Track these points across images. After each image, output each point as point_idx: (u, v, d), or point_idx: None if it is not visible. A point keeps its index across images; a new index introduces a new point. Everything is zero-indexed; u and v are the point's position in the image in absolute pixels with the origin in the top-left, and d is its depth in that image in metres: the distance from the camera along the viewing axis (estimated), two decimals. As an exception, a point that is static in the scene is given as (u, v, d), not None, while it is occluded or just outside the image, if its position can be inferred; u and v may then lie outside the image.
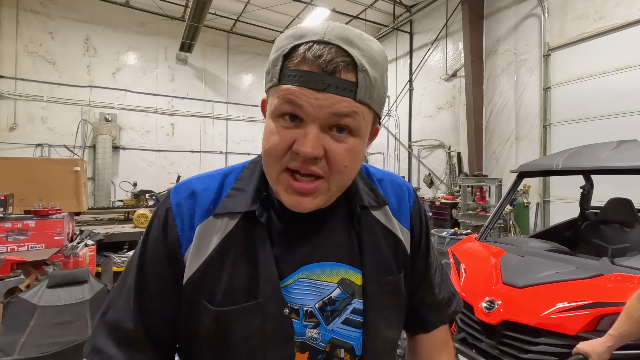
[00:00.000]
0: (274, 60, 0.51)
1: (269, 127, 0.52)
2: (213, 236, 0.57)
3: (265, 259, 0.56)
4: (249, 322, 0.55)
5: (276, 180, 0.54)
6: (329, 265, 0.60)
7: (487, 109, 7.40)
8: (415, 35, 9.57)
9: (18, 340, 2.03)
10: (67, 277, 2.40)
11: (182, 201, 0.59)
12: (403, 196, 0.70)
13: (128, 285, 0.59)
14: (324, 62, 0.47)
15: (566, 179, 5.28)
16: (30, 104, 8.46)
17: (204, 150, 10.67)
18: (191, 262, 0.56)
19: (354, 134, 0.51)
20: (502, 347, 1.70)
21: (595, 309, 1.50)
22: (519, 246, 2.27)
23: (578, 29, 5.84)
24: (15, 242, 2.98)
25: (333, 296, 0.59)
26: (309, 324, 0.58)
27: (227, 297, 0.55)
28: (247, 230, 0.58)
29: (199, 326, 0.56)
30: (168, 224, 0.58)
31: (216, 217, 0.58)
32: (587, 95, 5.72)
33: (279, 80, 0.50)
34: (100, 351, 0.56)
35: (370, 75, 0.50)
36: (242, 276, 0.56)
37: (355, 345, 0.60)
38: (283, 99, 0.49)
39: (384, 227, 0.65)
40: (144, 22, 9.76)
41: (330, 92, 0.48)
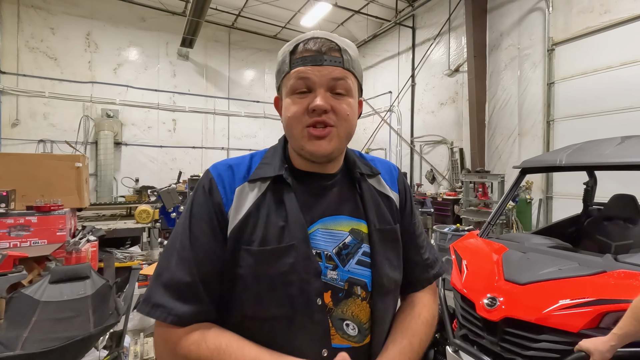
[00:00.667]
0: (282, 60, 0.72)
1: (288, 102, 0.71)
2: (249, 196, 0.73)
3: (293, 210, 0.71)
4: (284, 261, 0.68)
5: (300, 136, 0.71)
6: (340, 218, 0.76)
7: (490, 105, 7.34)
8: (417, 30, 9.49)
9: (21, 335, 2.05)
10: (69, 272, 2.41)
11: (222, 172, 0.75)
12: (390, 170, 0.90)
13: (178, 247, 0.70)
14: (318, 46, 0.70)
15: (569, 175, 5.24)
16: (32, 100, 8.47)
17: (205, 146, 10.66)
18: (233, 217, 0.71)
19: (348, 95, 0.72)
20: (504, 343, 1.69)
21: (598, 306, 1.48)
22: (521, 243, 2.26)
23: (583, 23, 5.77)
24: (17, 237, 3.00)
25: (346, 242, 0.75)
26: (329, 266, 0.72)
27: (264, 242, 0.69)
28: (277, 190, 0.74)
29: (241, 268, 0.68)
30: (212, 189, 0.73)
31: (250, 182, 0.74)
32: (592, 90, 5.66)
33: (290, 68, 0.70)
34: (161, 306, 0.66)
35: (350, 54, 0.72)
36: (275, 225, 0.70)
37: (368, 282, 0.74)
38: (296, 78, 0.69)
39: (378, 191, 0.83)
40: (145, 18, 9.72)
41: (326, 65, 0.69)
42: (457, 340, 1.91)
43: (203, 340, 0.65)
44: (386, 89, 10.47)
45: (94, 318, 2.27)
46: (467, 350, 1.83)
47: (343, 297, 0.71)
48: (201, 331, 0.66)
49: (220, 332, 0.67)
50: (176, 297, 0.66)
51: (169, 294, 0.66)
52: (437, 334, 2.46)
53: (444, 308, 2.14)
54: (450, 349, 1.94)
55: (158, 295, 0.67)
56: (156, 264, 0.73)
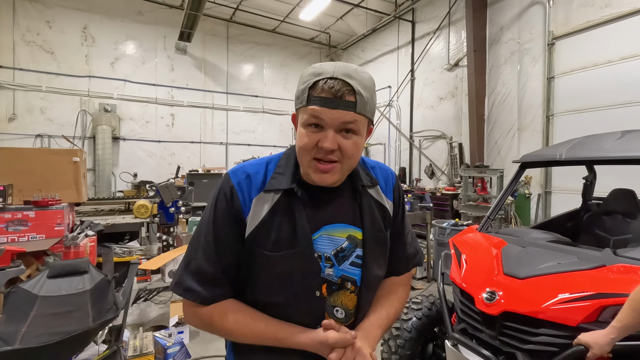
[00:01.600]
0: (302, 90, 0.80)
1: (301, 133, 0.81)
2: (264, 205, 0.85)
3: (301, 220, 0.84)
4: (291, 263, 0.83)
5: (307, 166, 0.82)
6: (340, 226, 0.90)
7: (490, 99, 7.32)
8: (417, 24, 9.42)
9: (19, 330, 2.04)
10: (67, 267, 2.39)
11: (241, 181, 0.87)
12: (388, 179, 1.01)
13: (203, 243, 0.86)
14: (334, 91, 0.77)
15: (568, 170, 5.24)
16: (29, 94, 8.41)
17: (204, 141, 10.62)
18: (250, 223, 0.84)
19: (356, 134, 0.81)
20: (503, 337, 1.69)
21: (597, 300, 1.48)
22: (520, 237, 2.26)
23: (583, 17, 5.74)
24: (15, 232, 2.98)
25: (343, 246, 0.89)
26: (327, 265, 0.87)
27: (276, 246, 0.83)
28: (288, 201, 0.86)
29: (255, 266, 0.85)
30: (233, 197, 0.85)
31: (266, 192, 0.86)
32: (592, 84, 5.64)
33: (307, 103, 0.79)
34: (191, 289, 0.84)
35: (364, 96, 0.79)
36: (285, 232, 0.84)
37: (357, 279, 0.90)
38: (310, 115, 0.79)
39: (375, 200, 0.96)
40: (142, 11, 9.63)
41: (340, 109, 0.77)
42: (456, 334, 1.91)
43: (225, 314, 0.84)
44: (385, 84, 10.42)
45: (92, 313, 2.27)
46: (466, 344, 1.83)
47: (336, 289, 0.88)
48: (224, 307, 0.85)
49: (238, 308, 0.86)
50: (202, 283, 0.84)
51: (196, 280, 0.84)
52: (437, 328, 2.48)
53: (443, 302, 2.15)
54: (449, 343, 1.94)
55: (188, 281, 0.85)
56: (184, 253, 0.90)
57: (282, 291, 0.84)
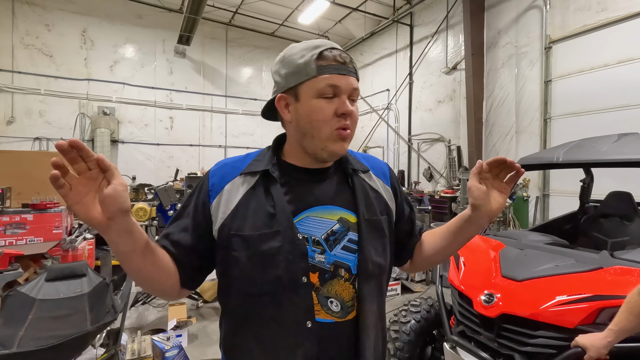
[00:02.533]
0: (305, 63, 0.78)
1: (316, 104, 0.79)
2: (240, 189, 0.83)
3: (279, 201, 0.80)
4: (271, 244, 0.77)
5: (327, 137, 0.80)
6: (330, 208, 0.85)
7: (488, 102, 7.35)
8: (415, 27, 9.48)
9: (17, 333, 2.03)
10: (65, 270, 2.39)
11: (217, 169, 0.87)
12: (382, 167, 1.01)
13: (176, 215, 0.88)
14: (343, 58, 0.79)
15: (566, 172, 5.26)
16: (27, 97, 8.40)
17: (203, 144, 10.62)
18: (223, 210, 0.82)
19: (355, 101, 0.84)
20: (501, 340, 1.70)
21: (595, 302, 1.49)
22: (518, 239, 2.27)
23: (580, 21, 5.78)
24: (13, 235, 2.97)
25: (334, 229, 0.84)
26: (316, 250, 0.81)
27: (254, 228, 0.79)
28: (265, 183, 0.83)
29: (234, 251, 0.79)
30: (203, 184, 0.86)
31: (242, 176, 0.84)
32: (589, 88, 5.68)
33: (318, 73, 0.77)
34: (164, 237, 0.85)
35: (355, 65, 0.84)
36: (263, 215, 0.80)
37: (352, 266, 0.83)
38: (327, 84, 0.77)
39: (369, 185, 0.93)
40: (141, 14, 9.65)
41: (350, 75, 0.80)
42: (455, 337, 1.91)
43: None
44: (384, 87, 10.46)
45: (90, 316, 2.26)
46: (464, 346, 1.83)
47: (329, 278, 0.81)
48: None
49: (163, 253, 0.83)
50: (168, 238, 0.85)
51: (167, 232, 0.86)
52: (435, 331, 2.48)
53: (441, 305, 2.15)
54: (448, 345, 1.95)
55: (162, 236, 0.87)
56: None
57: (264, 278, 0.77)
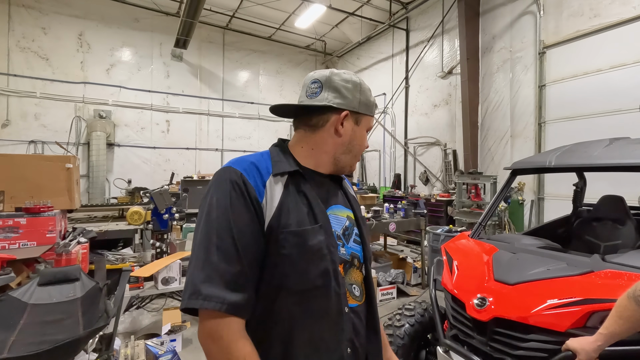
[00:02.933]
0: (374, 104, 1.00)
1: (363, 135, 0.99)
2: (276, 187, 0.85)
3: (314, 198, 0.89)
4: (318, 238, 0.84)
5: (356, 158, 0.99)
6: (341, 207, 0.99)
7: (483, 107, 7.40)
8: (411, 32, 9.55)
9: (8, 338, 2.01)
10: (58, 274, 2.38)
11: (247, 168, 0.85)
12: None
13: (216, 242, 0.75)
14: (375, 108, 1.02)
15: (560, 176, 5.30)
16: (23, 100, 8.37)
17: (199, 147, 10.61)
18: (269, 206, 0.82)
19: None
20: (493, 343, 1.70)
21: (585, 306, 1.50)
22: (511, 243, 2.28)
23: (573, 27, 5.85)
24: (6, 239, 2.95)
25: (347, 225, 0.97)
26: (339, 243, 0.91)
27: (299, 224, 0.83)
28: (295, 183, 0.89)
29: (284, 249, 0.80)
30: (246, 183, 0.82)
31: (274, 176, 0.86)
32: (582, 93, 5.74)
33: (372, 114, 0.99)
34: (213, 296, 0.71)
35: None
36: (303, 210, 0.86)
37: (360, 255, 0.99)
38: (371, 125, 1.00)
39: (349, 189, 1.09)
40: (138, 18, 9.67)
41: None
42: (448, 341, 1.92)
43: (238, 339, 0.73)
44: (380, 91, 10.51)
45: (83, 320, 2.24)
46: (457, 350, 1.84)
47: (348, 267, 0.93)
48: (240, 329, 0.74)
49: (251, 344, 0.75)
50: (225, 287, 0.72)
51: (217, 285, 0.72)
52: (429, 335, 2.48)
53: (434, 309, 2.15)
54: (441, 349, 1.95)
55: (205, 287, 0.71)
56: (191, 261, 0.77)
57: (315, 271, 0.82)
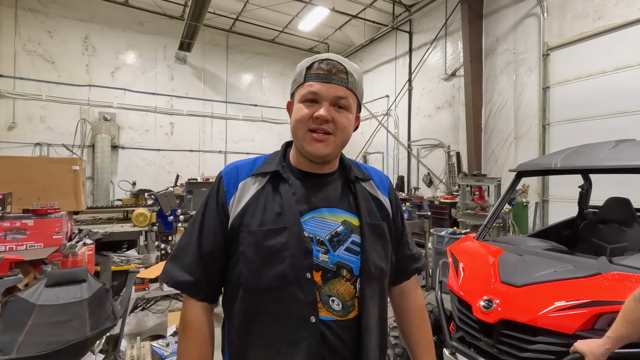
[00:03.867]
0: (299, 72, 0.88)
1: (297, 108, 0.86)
2: (251, 188, 0.88)
3: (287, 200, 0.86)
4: (278, 240, 0.82)
5: (302, 137, 0.85)
6: (334, 210, 0.90)
7: (486, 109, 7.40)
8: (414, 34, 9.56)
9: (16, 339, 2.03)
10: (65, 276, 2.39)
11: (229, 171, 0.92)
12: (383, 179, 1.05)
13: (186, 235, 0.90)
14: (329, 67, 0.84)
15: (565, 178, 5.28)
16: (29, 103, 8.45)
17: (203, 149, 10.65)
18: (235, 207, 0.87)
19: (347, 110, 0.86)
20: (500, 345, 1.70)
21: (593, 308, 1.50)
22: (517, 245, 2.27)
23: (577, 29, 5.84)
24: (13, 241, 2.98)
25: (338, 230, 0.88)
26: (320, 249, 0.85)
27: (262, 224, 0.83)
28: (274, 184, 0.88)
29: (242, 246, 0.83)
30: (220, 186, 0.90)
31: (253, 177, 0.90)
32: (586, 94, 5.72)
33: (304, 80, 0.85)
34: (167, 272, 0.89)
35: (355, 77, 0.87)
36: (271, 212, 0.85)
37: (354, 267, 0.87)
38: (307, 90, 0.84)
39: (370, 193, 0.98)
40: (143, 21, 9.74)
41: (334, 84, 0.84)
42: (454, 343, 1.91)
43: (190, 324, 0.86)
44: (383, 93, 10.52)
45: (90, 322, 2.26)
46: (464, 352, 1.83)
47: (331, 277, 0.85)
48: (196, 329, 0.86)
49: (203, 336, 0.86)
50: (179, 268, 0.87)
51: (175, 265, 0.88)
52: (435, 337, 2.47)
53: (440, 311, 2.15)
54: (448, 352, 1.95)
55: (169, 266, 0.89)
56: None
57: (270, 272, 0.81)
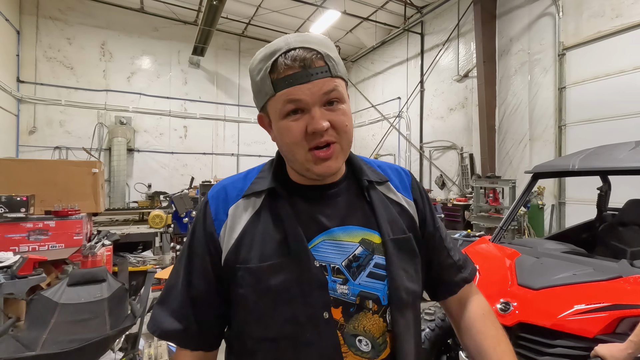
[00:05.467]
0: (262, 80, 0.65)
1: (282, 127, 0.66)
2: (244, 214, 0.71)
3: (290, 224, 0.68)
4: (284, 276, 0.65)
5: (305, 160, 0.66)
6: (349, 229, 0.71)
7: (500, 110, 7.30)
8: (426, 36, 9.52)
9: (40, 336, 2.10)
10: (86, 275, 2.47)
11: (215, 193, 0.74)
12: (401, 176, 0.84)
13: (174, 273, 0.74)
14: (301, 62, 0.62)
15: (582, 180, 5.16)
16: (49, 107, 8.71)
17: (216, 152, 10.79)
18: (227, 239, 0.69)
19: (341, 101, 0.66)
20: (518, 349, 1.68)
21: (614, 311, 1.47)
22: (534, 248, 2.24)
23: (594, 28, 5.73)
24: (36, 241, 3.08)
25: (356, 253, 0.70)
26: (337, 279, 0.67)
27: (262, 259, 0.66)
28: (272, 205, 0.71)
29: (242, 288, 0.66)
30: (206, 212, 0.72)
31: (245, 198, 0.72)
32: (604, 94, 5.60)
33: (274, 90, 0.64)
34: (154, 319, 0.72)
35: (332, 56, 0.66)
36: (272, 241, 0.67)
37: (381, 295, 0.69)
38: (285, 101, 0.63)
39: (389, 198, 0.77)
40: (157, 27, 9.96)
41: (315, 79, 0.63)
42: (470, 346, 1.89)
43: None
44: (395, 95, 10.49)
45: (110, 320, 2.32)
46: (480, 355, 1.81)
47: (354, 312, 0.67)
48: None
49: None
50: (167, 315, 0.71)
51: (163, 310, 0.72)
52: (450, 340, 2.45)
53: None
54: (464, 355, 1.93)
55: (156, 311, 0.73)
56: None
57: (278, 317, 0.65)
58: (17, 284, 2.35)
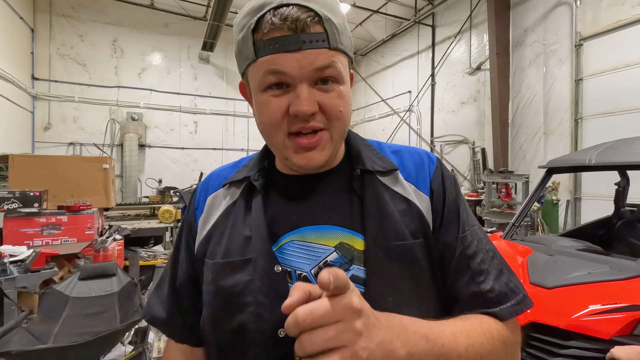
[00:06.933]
0: (243, 38, 0.52)
1: (260, 102, 0.54)
2: (221, 203, 0.65)
3: (257, 220, 0.58)
4: (239, 278, 0.55)
5: (283, 146, 0.55)
6: (325, 228, 0.57)
7: (514, 103, 7.13)
8: (437, 28, 9.33)
9: (52, 329, 2.14)
10: (97, 269, 2.51)
11: (202, 182, 0.71)
12: (422, 163, 0.65)
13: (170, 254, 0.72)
14: (292, 22, 0.48)
15: (599, 175, 5.02)
16: (63, 104, 8.87)
17: (225, 147, 10.86)
18: (201, 228, 0.64)
19: (338, 82, 0.53)
20: (530, 349, 1.64)
21: (632, 312, 1.41)
22: (547, 245, 2.18)
23: (613, 16, 5.52)
24: (49, 236, 3.14)
25: (329, 260, 0.55)
26: None
27: (225, 255, 0.58)
28: (247, 196, 0.62)
29: (204, 284, 0.60)
30: (191, 203, 0.69)
31: (226, 188, 0.66)
32: (623, 86, 5.40)
33: (256, 55, 0.51)
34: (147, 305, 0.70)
35: (335, 22, 0.51)
36: (239, 237, 0.59)
37: None
38: (266, 71, 0.51)
39: (393, 192, 0.60)
40: (167, 23, 10.01)
41: (307, 49, 0.49)
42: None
43: None
44: (405, 89, 10.35)
45: (120, 314, 2.35)
46: (490, 355, 1.78)
47: None
48: None
49: None
50: (158, 300, 0.68)
51: (155, 295, 0.69)
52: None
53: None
54: None
55: (151, 294, 0.71)
56: None
57: (228, 325, 0.55)
58: (30, 277, 2.40)
